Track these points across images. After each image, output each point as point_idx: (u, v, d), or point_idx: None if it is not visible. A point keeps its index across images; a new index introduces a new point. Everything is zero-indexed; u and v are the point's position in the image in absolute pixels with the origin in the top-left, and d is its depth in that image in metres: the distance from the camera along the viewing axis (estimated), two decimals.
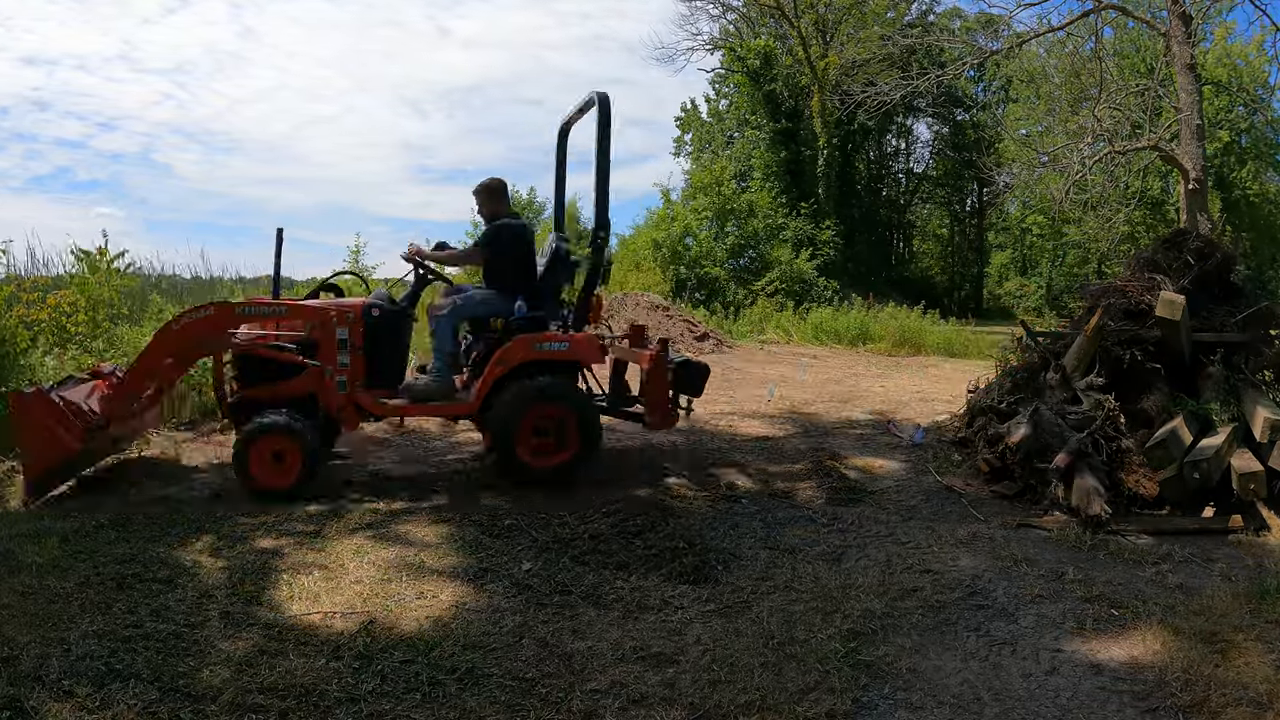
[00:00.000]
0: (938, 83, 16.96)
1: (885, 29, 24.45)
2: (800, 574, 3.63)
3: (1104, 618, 3.22)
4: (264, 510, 4.28)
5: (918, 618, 3.21)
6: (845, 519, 4.43)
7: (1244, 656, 2.86)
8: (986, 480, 5.07)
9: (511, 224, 5.09)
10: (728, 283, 20.03)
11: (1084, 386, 4.98)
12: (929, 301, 17.73)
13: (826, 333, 15.38)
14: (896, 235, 37.40)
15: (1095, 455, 4.53)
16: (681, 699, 2.59)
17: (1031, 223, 31.86)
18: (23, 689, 2.48)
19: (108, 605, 3.09)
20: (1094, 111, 14.17)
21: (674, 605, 3.29)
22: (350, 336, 4.65)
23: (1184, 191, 12.60)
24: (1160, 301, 4.94)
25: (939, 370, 11.48)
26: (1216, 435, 4.62)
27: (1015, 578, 3.62)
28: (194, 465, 5.24)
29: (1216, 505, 4.53)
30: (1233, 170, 26.46)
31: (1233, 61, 25.01)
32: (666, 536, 4.04)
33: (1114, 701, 2.63)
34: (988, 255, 37.35)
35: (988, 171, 20.07)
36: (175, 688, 2.55)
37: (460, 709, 2.51)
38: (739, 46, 27.83)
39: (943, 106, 33.20)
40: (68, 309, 6.93)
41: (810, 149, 26.91)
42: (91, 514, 4.13)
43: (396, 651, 2.83)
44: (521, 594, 3.36)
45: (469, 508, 4.46)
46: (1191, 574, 3.71)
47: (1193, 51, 12.52)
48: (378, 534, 4.00)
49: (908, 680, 2.74)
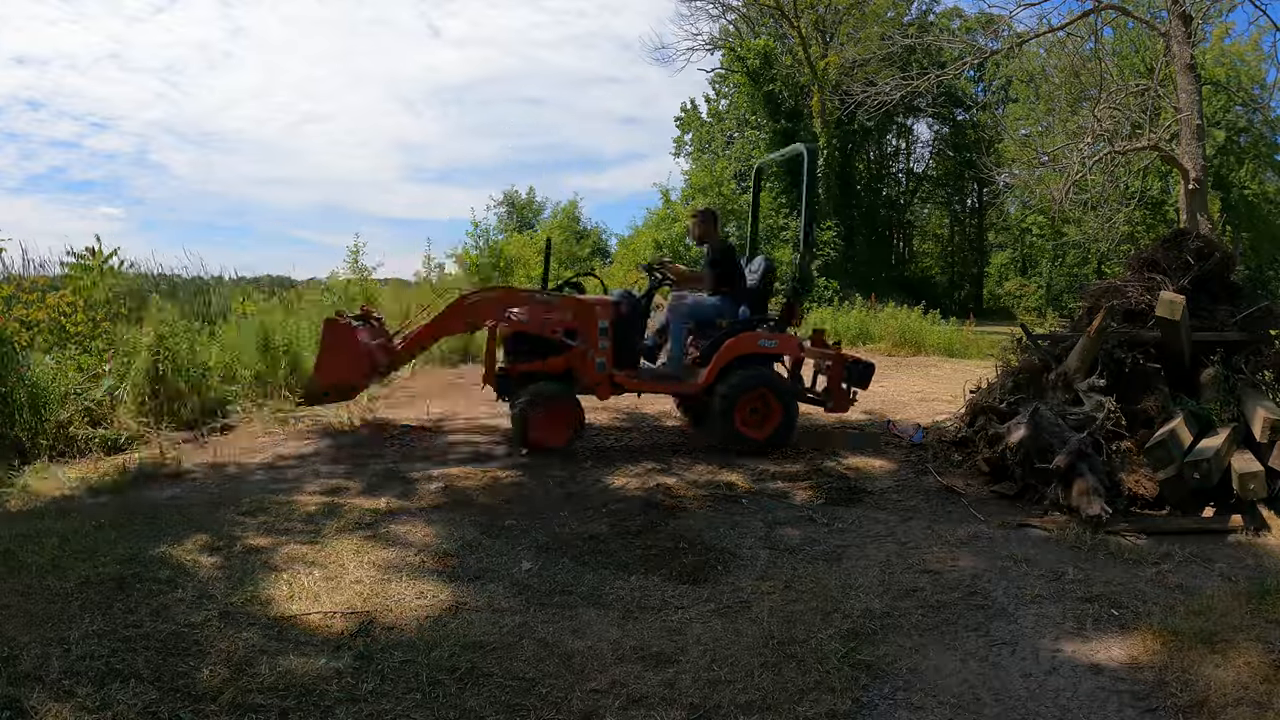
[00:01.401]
0: (938, 83, 16.94)
1: (885, 29, 24.44)
2: (800, 574, 3.63)
3: (1104, 618, 3.22)
4: (263, 510, 4.29)
5: (918, 618, 3.21)
6: (845, 519, 4.43)
7: (1244, 656, 2.86)
8: (986, 480, 5.07)
9: (727, 246, 6.25)
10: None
11: (1086, 388, 4.98)
12: (929, 301, 17.72)
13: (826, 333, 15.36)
14: (896, 235, 37.38)
15: (1095, 456, 4.52)
16: (681, 699, 2.59)
17: (1031, 223, 31.87)
18: (23, 689, 2.48)
19: (108, 605, 3.09)
20: (1094, 111, 14.15)
21: (674, 605, 3.29)
22: (609, 325, 5.67)
23: (1184, 191, 12.59)
24: (1160, 301, 4.94)
25: (939, 370, 11.48)
26: (1216, 435, 4.62)
27: (1015, 578, 3.62)
28: (194, 466, 5.25)
29: (1216, 505, 4.53)
30: (1232, 170, 26.47)
31: (1230, 61, 25.02)
32: (666, 536, 4.04)
33: (1114, 701, 2.63)
34: (988, 255, 37.35)
35: (988, 171, 20.06)
36: (175, 688, 2.55)
37: (460, 709, 2.50)
38: (739, 46, 27.83)
39: (943, 106, 33.21)
40: (66, 309, 6.94)
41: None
42: (91, 514, 4.13)
43: (396, 651, 2.83)
44: (521, 594, 3.35)
45: (469, 508, 4.47)
46: (1191, 574, 3.71)
47: (1192, 51, 12.50)
48: (377, 534, 4.00)
49: (908, 680, 2.74)
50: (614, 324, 5.72)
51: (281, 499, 4.50)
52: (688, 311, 5.99)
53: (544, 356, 5.63)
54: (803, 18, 26.15)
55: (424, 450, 5.78)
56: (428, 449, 5.80)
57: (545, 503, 4.58)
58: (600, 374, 5.67)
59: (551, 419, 5.49)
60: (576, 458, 5.55)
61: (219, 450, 5.64)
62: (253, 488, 4.75)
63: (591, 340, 5.64)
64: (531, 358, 5.64)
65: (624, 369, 5.77)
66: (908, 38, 19.26)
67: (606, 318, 5.69)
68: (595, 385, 5.70)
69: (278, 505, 4.38)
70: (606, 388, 5.74)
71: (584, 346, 5.62)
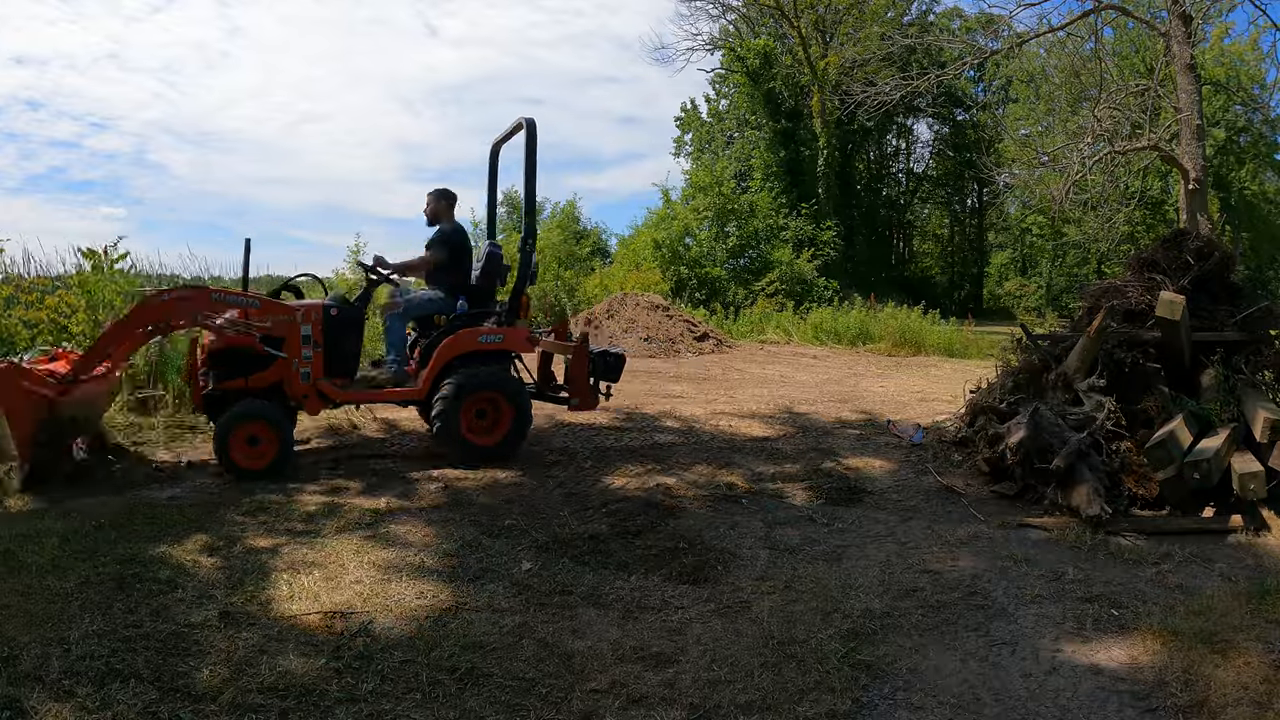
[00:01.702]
0: (938, 83, 16.96)
1: (885, 29, 24.45)
2: (800, 574, 3.63)
3: (1104, 618, 3.22)
4: (263, 510, 4.29)
5: (918, 618, 3.21)
6: (845, 519, 4.43)
7: (1244, 656, 2.85)
8: (986, 480, 5.07)
9: (455, 230, 5.75)
10: (728, 283, 20.06)
11: (1086, 388, 4.98)
12: (929, 301, 17.74)
13: (826, 333, 15.39)
14: (896, 235, 37.41)
15: (1095, 456, 4.52)
16: (681, 699, 2.59)
17: (1031, 223, 31.89)
18: (23, 689, 2.48)
19: (108, 605, 3.09)
20: (1094, 111, 14.16)
21: (674, 605, 3.28)
22: (312, 332, 5.17)
23: (1184, 191, 12.59)
24: (1160, 302, 4.93)
25: (939, 370, 11.48)
26: (1216, 436, 4.62)
27: (1015, 578, 3.62)
28: (194, 466, 5.24)
29: (1216, 505, 4.53)
30: (1231, 170, 26.48)
31: (1230, 61, 25.02)
32: (666, 536, 4.04)
33: (1114, 701, 2.63)
34: (988, 255, 37.38)
35: (988, 171, 20.06)
36: (175, 688, 2.55)
37: (460, 709, 2.50)
38: (739, 46, 27.84)
39: (943, 106, 33.24)
40: (67, 309, 6.94)
41: (810, 149, 26.93)
42: (91, 514, 4.13)
43: (396, 651, 2.83)
44: (521, 594, 3.35)
45: (469, 508, 4.47)
46: (1191, 574, 3.71)
47: (1192, 51, 12.50)
48: (377, 534, 4.00)
49: (908, 680, 2.74)
50: (323, 330, 5.20)
51: (281, 499, 4.50)
52: (403, 309, 5.57)
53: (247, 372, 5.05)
54: (803, 18, 26.17)
55: (424, 450, 5.77)
56: (428, 448, 5.80)
57: (545, 503, 4.58)
58: (305, 385, 5.15)
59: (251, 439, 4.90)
60: (577, 458, 5.55)
61: None
62: (253, 488, 4.75)
63: (294, 349, 5.13)
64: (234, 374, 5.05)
65: (336, 378, 5.28)
66: (908, 38, 19.28)
67: (310, 323, 5.16)
68: (302, 398, 5.20)
69: (278, 505, 4.38)
70: (315, 400, 5.24)
71: (288, 357, 5.11)
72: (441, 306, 5.62)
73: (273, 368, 5.07)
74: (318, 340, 5.19)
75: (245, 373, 5.04)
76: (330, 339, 5.25)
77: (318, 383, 5.19)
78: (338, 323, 5.30)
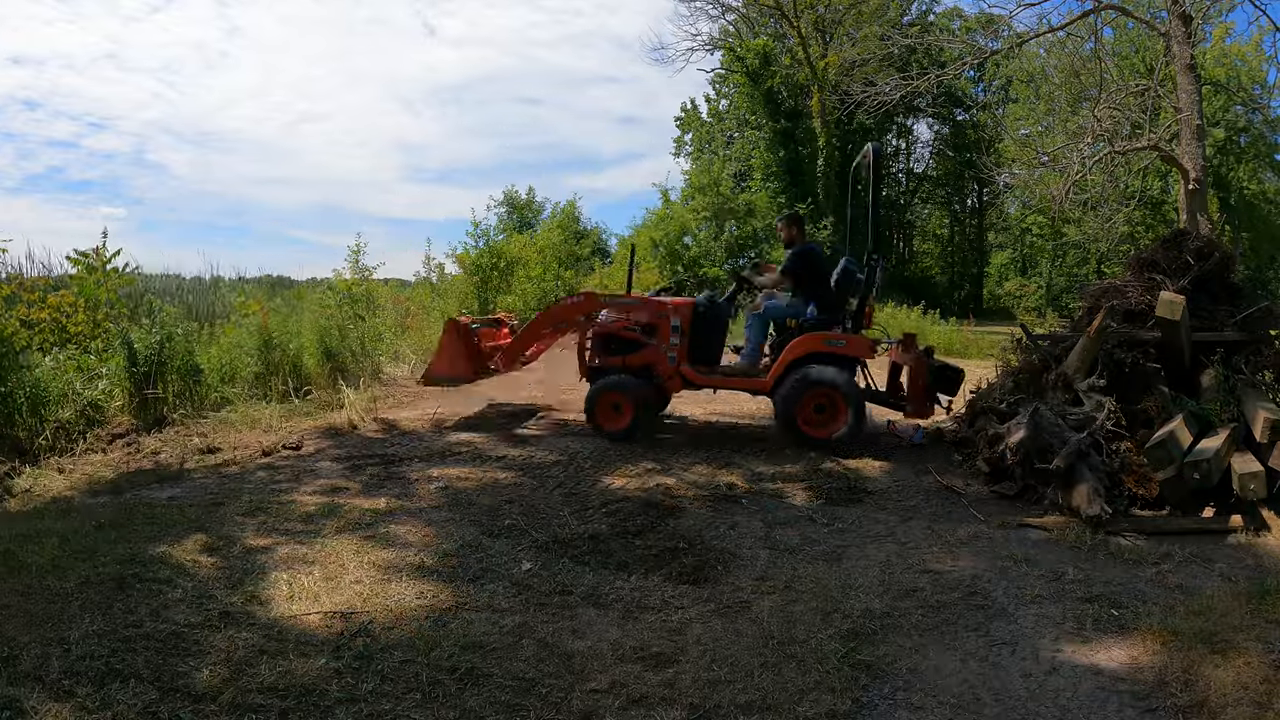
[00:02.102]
0: (937, 83, 16.94)
1: (885, 28, 24.43)
2: (800, 574, 3.63)
3: (1104, 618, 3.22)
4: (262, 510, 4.29)
5: (918, 618, 3.21)
6: (845, 519, 4.43)
7: (1244, 656, 2.85)
8: (986, 480, 5.07)
9: (803, 251, 6.40)
10: (727, 283, 20.03)
11: (1086, 388, 4.98)
12: (929, 301, 17.74)
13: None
14: (896, 235, 37.40)
15: (1095, 456, 4.52)
16: (681, 699, 2.59)
17: (1031, 223, 31.88)
18: (23, 689, 2.48)
19: (107, 605, 3.09)
20: (1094, 111, 14.13)
21: (674, 605, 3.28)
22: (682, 324, 6.15)
23: (1183, 191, 12.57)
24: (1160, 302, 4.93)
25: None
26: (1216, 436, 4.62)
27: (1015, 578, 3.62)
28: (193, 466, 5.25)
29: (1216, 505, 4.52)
30: (1231, 170, 26.48)
31: (1230, 61, 25.02)
32: (666, 536, 4.04)
33: (1114, 701, 2.63)
34: (988, 255, 37.38)
35: (988, 171, 20.04)
36: (175, 688, 2.55)
37: (460, 709, 2.50)
38: (738, 46, 27.83)
39: (943, 106, 33.24)
40: (68, 309, 6.94)
41: (810, 149, 26.93)
42: (91, 514, 4.13)
43: (396, 651, 2.83)
44: (521, 594, 3.35)
45: (469, 508, 4.47)
46: (1191, 574, 3.71)
47: (1192, 51, 12.49)
48: (377, 534, 4.00)
49: (908, 680, 2.74)
50: (691, 323, 6.19)
51: (281, 499, 4.50)
52: (762, 311, 6.43)
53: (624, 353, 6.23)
54: (802, 18, 26.16)
55: (424, 450, 5.77)
56: (428, 449, 5.80)
57: (545, 503, 4.58)
58: (671, 367, 6.14)
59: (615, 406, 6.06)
60: (577, 458, 5.55)
61: (218, 446, 5.64)
62: (252, 487, 4.75)
63: (664, 338, 6.15)
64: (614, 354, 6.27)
65: (699, 365, 6.23)
66: (907, 38, 19.25)
67: (680, 317, 6.17)
68: (667, 378, 6.17)
69: (277, 505, 4.38)
70: (677, 380, 6.22)
71: (659, 344, 6.14)
72: (794, 312, 6.29)
73: (644, 351, 6.16)
74: (685, 331, 6.16)
75: (623, 353, 6.20)
76: (696, 331, 6.22)
77: (681, 367, 6.15)
78: (704, 318, 6.28)
